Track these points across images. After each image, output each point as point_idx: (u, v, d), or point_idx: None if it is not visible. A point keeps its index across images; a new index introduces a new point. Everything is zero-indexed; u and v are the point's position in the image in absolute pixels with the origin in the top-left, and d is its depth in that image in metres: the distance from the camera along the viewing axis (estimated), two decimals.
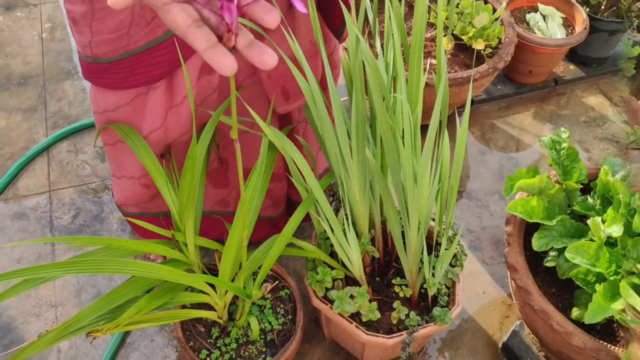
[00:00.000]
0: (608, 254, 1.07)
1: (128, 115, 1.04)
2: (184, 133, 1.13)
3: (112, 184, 1.28)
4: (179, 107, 1.06)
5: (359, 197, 1.07)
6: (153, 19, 0.90)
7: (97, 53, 0.94)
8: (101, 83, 0.99)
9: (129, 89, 0.99)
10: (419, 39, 0.93)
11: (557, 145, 1.21)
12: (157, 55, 0.95)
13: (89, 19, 0.90)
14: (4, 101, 1.72)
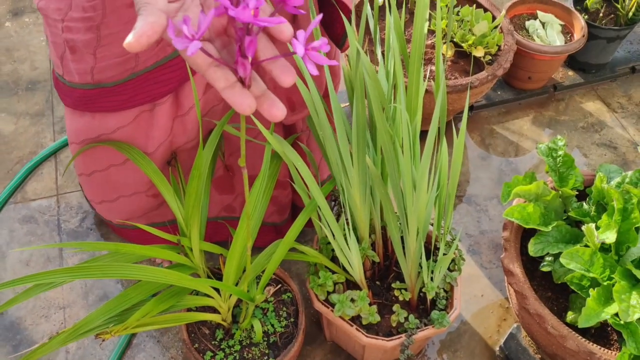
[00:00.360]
0: (602, 259, 1.09)
1: (129, 135, 1.05)
2: (190, 141, 1.15)
3: (101, 210, 1.26)
4: (184, 117, 1.09)
5: (359, 203, 1.11)
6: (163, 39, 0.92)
7: (100, 78, 0.95)
8: (99, 108, 1.00)
9: (132, 109, 1.01)
10: (418, 52, 0.96)
11: (554, 152, 1.24)
12: (165, 72, 0.96)
13: (93, 46, 0.90)
14: (12, 106, 1.75)
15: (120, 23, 0.89)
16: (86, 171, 1.18)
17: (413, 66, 0.97)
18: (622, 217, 1.10)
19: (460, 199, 1.61)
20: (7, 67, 1.85)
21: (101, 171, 1.16)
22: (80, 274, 0.92)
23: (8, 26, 1.97)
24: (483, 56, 1.56)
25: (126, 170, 1.14)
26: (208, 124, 1.16)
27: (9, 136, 1.68)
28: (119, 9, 0.87)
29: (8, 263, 1.44)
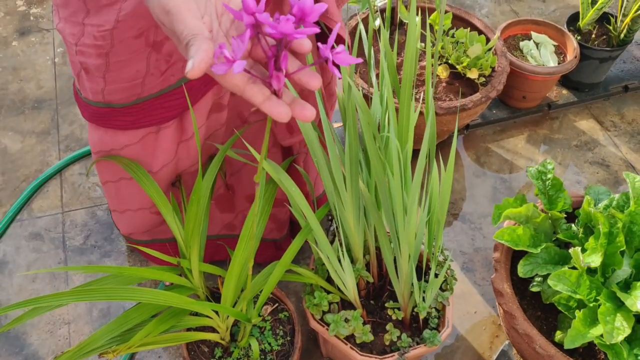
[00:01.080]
0: (588, 281, 1.13)
1: (137, 153, 1.10)
2: (194, 164, 1.20)
3: (114, 218, 1.34)
4: (188, 142, 1.13)
5: (353, 225, 1.15)
6: (167, 69, 0.96)
7: (110, 99, 1.00)
8: (110, 125, 1.05)
9: (139, 129, 1.06)
10: (409, 84, 1.00)
11: (543, 175, 1.28)
12: (170, 99, 1.01)
13: (102, 71, 0.96)
14: (19, 124, 1.80)
15: (127, 52, 0.93)
16: (102, 180, 1.24)
17: (404, 97, 1.01)
18: (607, 240, 1.14)
19: (455, 217, 1.65)
20: (14, 86, 1.90)
21: (113, 182, 1.21)
22: (83, 297, 0.96)
23: (15, 45, 2.02)
24: (477, 78, 1.60)
25: (133, 186, 1.19)
26: (210, 148, 1.21)
27: (16, 154, 1.73)
28: (127, 40, 0.92)
29: (14, 279, 1.48)
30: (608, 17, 1.85)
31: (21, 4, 2.16)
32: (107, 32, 0.90)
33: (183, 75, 0.98)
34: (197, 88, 1.02)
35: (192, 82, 0.99)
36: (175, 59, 0.95)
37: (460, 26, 1.74)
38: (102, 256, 1.54)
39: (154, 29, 0.90)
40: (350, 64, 0.56)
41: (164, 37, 0.92)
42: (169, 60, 0.95)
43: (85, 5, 0.91)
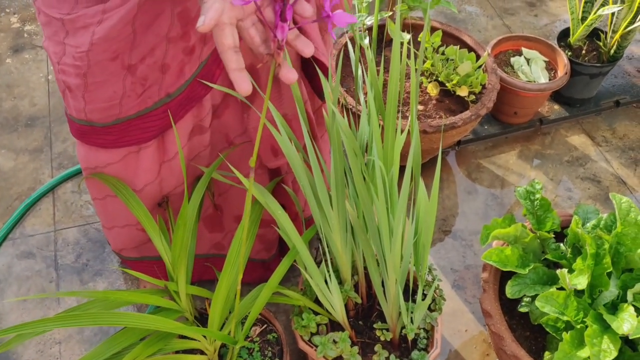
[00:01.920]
0: (576, 302, 1.13)
1: (120, 171, 1.11)
2: (179, 185, 1.20)
3: (105, 234, 1.35)
4: (171, 162, 1.14)
5: (340, 247, 1.15)
6: (144, 92, 0.97)
7: (91, 118, 1.02)
8: (92, 142, 1.06)
9: (120, 148, 1.07)
10: (393, 110, 1.00)
11: (531, 195, 1.28)
12: (146, 121, 1.02)
13: (82, 90, 0.97)
14: (12, 142, 1.80)
15: (104, 74, 0.95)
16: (91, 196, 1.25)
17: (388, 121, 1.02)
18: (594, 261, 1.14)
19: (446, 234, 1.65)
20: (8, 104, 1.90)
21: (100, 199, 1.22)
22: (69, 323, 0.96)
23: (9, 62, 2.03)
24: (467, 95, 1.60)
25: (119, 203, 1.20)
26: (196, 170, 1.21)
27: (9, 172, 1.74)
28: (103, 62, 0.94)
29: (6, 298, 1.49)
30: (598, 33, 1.85)
31: (15, 21, 2.18)
32: (83, 54, 0.93)
33: (159, 99, 0.99)
34: (174, 111, 1.03)
35: (170, 104, 1.01)
36: (150, 83, 0.97)
37: (451, 43, 1.74)
38: (94, 274, 1.54)
39: (129, 52, 0.92)
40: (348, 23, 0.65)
41: (138, 60, 0.93)
42: (145, 83, 0.97)
43: (64, 26, 0.93)
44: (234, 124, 1.16)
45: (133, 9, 0.87)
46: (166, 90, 0.98)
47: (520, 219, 1.63)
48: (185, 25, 0.92)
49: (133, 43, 0.91)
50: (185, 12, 0.90)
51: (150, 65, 0.93)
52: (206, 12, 0.64)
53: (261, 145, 1.17)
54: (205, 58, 0.97)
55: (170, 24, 0.91)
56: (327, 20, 0.66)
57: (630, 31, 1.73)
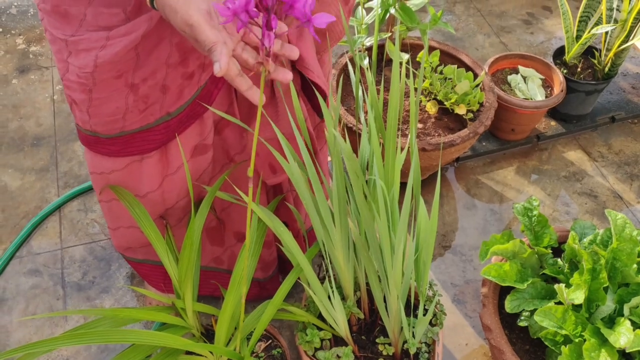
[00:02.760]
0: (574, 317, 1.16)
1: (124, 179, 1.15)
2: (181, 199, 1.23)
3: (111, 234, 1.38)
4: (174, 176, 1.17)
5: (343, 264, 1.18)
6: (146, 109, 1.01)
7: (96, 130, 1.06)
8: (98, 150, 1.11)
9: (124, 157, 1.10)
10: (393, 130, 1.04)
11: (529, 212, 1.31)
12: (149, 135, 1.06)
13: (86, 105, 1.01)
14: (19, 162, 1.84)
15: (108, 90, 0.99)
16: (98, 198, 1.28)
17: (389, 142, 1.05)
18: (591, 276, 1.17)
19: (446, 249, 1.68)
20: (14, 124, 1.94)
21: (106, 202, 1.25)
22: (77, 341, 0.99)
23: (15, 83, 2.07)
24: (465, 113, 1.64)
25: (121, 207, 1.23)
26: (199, 184, 1.24)
27: (16, 191, 1.77)
28: (107, 79, 0.98)
29: (14, 315, 1.51)
30: (593, 51, 1.89)
31: (21, 43, 2.22)
32: (88, 74, 0.97)
33: (160, 116, 1.03)
34: (175, 127, 1.07)
35: (170, 122, 1.04)
36: (152, 101, 1.01)
37: (449, 62, 1.78)
38: (100, 292, 1.57)
39: (132, 72, 0.96)
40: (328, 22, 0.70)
41: (140, 80, 0.97)
42: (147, 101, 1.00)
43: (67, 47, 0.97)
44: (234, 140, 1.19)
45: (137, 39, 0.91)
46: (167, 110, 1.02)
47: (519, 234, 1.66)
48: (184, 53, 0.96)
49: (137, 64, 0.95)
50: (182, 42, 0.95)
51: (152, 85, 0.98)
52: (219, 59, 0.73)
53: (259, 162, 1.20)
54: (204, 82, 1.01)
55: (170, 52, 0.95)
56: (307, 25, 0.71)
57: (623, 49, 1.77)
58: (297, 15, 0.71)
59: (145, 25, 0.89)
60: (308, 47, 1.07)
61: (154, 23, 0.89)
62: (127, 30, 0.90)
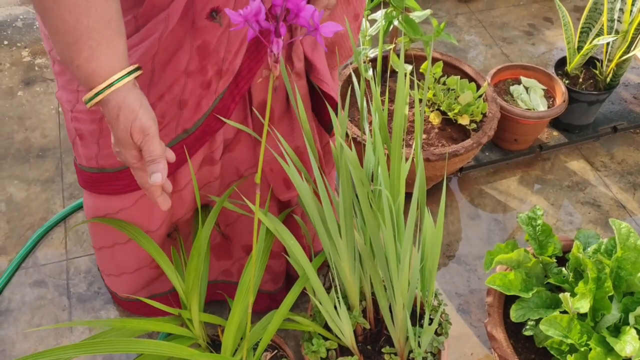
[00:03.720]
0: (579, 326, 1.16)
1: (133, 216, 1.14)
2: (188, 212, 1.23)
3: (108, 282, 1.36)
4: (182, 192, 1.17)
5: (349, 274, 1.18)
6: (161, 130, 1.00)
7: (103, 164, 1.04)
8: (104, 191, 1.09)
9: (133, 192, 1.10)
10: (398, 140, 1.05)
11: (533, 221, 1.32)
12: None
13: (96, 136, 1.00)
14: (24, 173, 1.85)
15: None
16: (96, 245, 1.27)
17: (394, 153, 1.06)
18: (596, 285, 1.17)
19: (450, 259, 1.68)
20: (20, 135, 1.95)
21: (108, 248, 1.24)
22: (87, 350, 0.99)
23: (20, 95, 2.08)
24: (468, 124, 1.65)
25: (129, 249, 1.22)
26: (204, 196, 1.24)
27: (21, 203, 1.78)
28: None
29: (20, 327, 1.51)
30: (594, 61, 1.91)
31: (26, 55, 2.23)
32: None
33: (177, 135, 1.02)
34: (190, 146, 1.05)
35: (186, 140, 1.03)
36: (168, 120, 0.99)
37: (452, 73, 1.80)
38: (105, 302, 1.57)
39: (146, 89, 0.95)
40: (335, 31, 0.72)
41: (156, 98, 0.95)
42: (162, 121, 0.99)
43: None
44: (245, 157, 1.19)
45: (154, 45, 0.88)
46: (183, 126, 1.01)
47: (523, 243, 1.67)
48: (203, 59, 0.93)
49: (151, 81, 0.93)
50: (204, 44, 0.92)
51: (169, 101, 0.96)
52: (161, 171, 0.84)
53: (273, 177, 1.20)
54: (221, 92, 0.99)
55: (189, 58, 0.93)
56: (314, 34, 0.72)
57: (625, 60, 1.79)
58: (302, 23, 0.72)
59: (161, 28, 0.87)
60: (322, 59, 1.08)
61: (171, 25, 0.87)
62: (142, 37, 0.88)
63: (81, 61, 0.76)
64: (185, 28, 0.90)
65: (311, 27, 0.72)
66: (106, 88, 0.79)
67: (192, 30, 0.90)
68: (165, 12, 0.87)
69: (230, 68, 0.97)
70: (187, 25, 0.89)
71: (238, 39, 0.94)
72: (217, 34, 0.91)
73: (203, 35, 0.91)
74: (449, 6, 2.55)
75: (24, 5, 2.47)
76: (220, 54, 0.94)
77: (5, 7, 2.45)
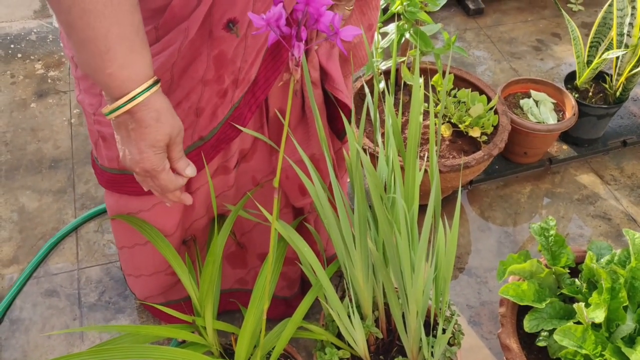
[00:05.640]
0: (594, 336, 1.16)
1: (150, 218, 1.15)
2: (199, 218, 1.24)
3: (129, 283, 1.37)
4: (192, 195, 1.18)
5: (362, 283, 1.18)
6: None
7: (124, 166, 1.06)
8: (124, 191, 1.10)
9: (151, 196, 1.10)
10: (414, 149, 1.05)
11: (546, 232, 1.32)
12: None
13: None
14: (36, 184, 1.86)
15: None
16: (118, 244, 1.28)
17: (409, 161, 1.06)
18: (610, 296, 1.17)
19: (461, 271, 1.68)
20: (32, 146, 1.97)
21: (129, 248, 1.25)
22: (101, 356, 0.99)
23: (33, 107, 2.11)
24: (479, 136, 1.65)
25: (148, 251, 1.23)
26: (219, 205, 1.25)
27: (33, 212, 1.79)
28: None
29: (31, 335, 1.52)
30: (604, 75, 1.92)
31: (39, 68, 2.26)
32: None
33: (193, 142, 1.03)
34: (206, 153, 1.06)
35: (202, 147, 1.04)
36: (185, 127, 1.00)
37: (462, 86, 1.81)
38: (116, 312, 1.57)
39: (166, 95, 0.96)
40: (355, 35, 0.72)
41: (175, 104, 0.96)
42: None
43: None
44: (262, 166, 1.20)
45: (173, 54, 0.90)
46: (199, 134, 1.02)
47: (535, 255, 1.66)
48: (220, 68, 0.95)
49: (170, 88, 0.95)
50: (221, 54, 0.93)
51: (186, 109, 0.97)
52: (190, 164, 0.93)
53: (289, 184, 1.21)
54: (237, 101, 1.01)
55: (206, 67, 0.94)
56: (334, 38, 0.73)
57: (634, 74, 1.80)
58: (322, 28, 0.74)
59: (181, 38, 0.88)
60: (337, 68, 1.09)
61: (190, 35, 0.88)
62: (162, 47, 0.90)
63: (115, 69, 0.77)
64: (203, 38, 0.91)
65: (331, 32, 0.74)
66: (145, 91, 0.80)
67: (210, 40, 0.91)
68: (186, 23, 0.88)
69: (247, 77, 0.98)
70: (205, 35, 0.91)
71: (254, 50, 0.95)
72: (233, 44, 0.92)
73: (220, 45, 0.92)
74: (458, 21, 2.57)
75: (38, 19, 2.50)
76: (237, 63, 0.95)
77: (20, 20, 2.49)
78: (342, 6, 1.00)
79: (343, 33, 0.73)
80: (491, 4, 2.66)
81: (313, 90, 1.08)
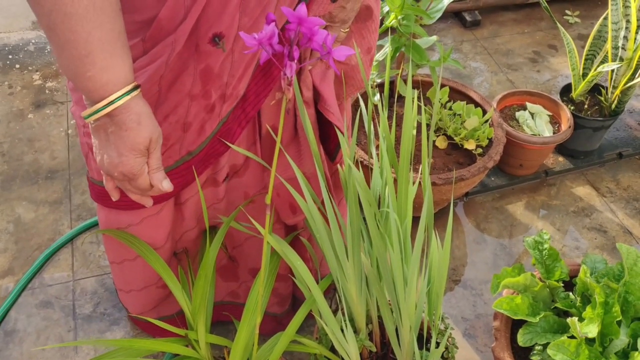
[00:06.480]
0: (587, 351, 1.15)
1: (139, 233, 1.15)
2: (190, 229, 1.24)
3: (121, 298, 1.37)
4: (182, 206, 1.18)
5: (355, 297, 1.18)
6: (165, 151, 1.01)
7: None
8: (113, 205, 1.10)
9: (140, 209, 1.11)
10: (406, 164, 1.06)
11: (540, 245, 1.32)
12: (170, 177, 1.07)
13: None
14: (33, 194, 1.86)
15: None
16: (109, 259, 1.28)
17: (402, 176, 1.07)
18: (604, 310, 1.17)
19: (456, 283, 1.68)
20: (29, 157, 1.97)
21: (118, 263, 1.25)
22: None
23: (30, 117, 2.11)
24: (475, 149, 1.66)
25: (137, 266, 1.23)
26: (210, 217, 1.24)
27: (29, 223, 1.79)
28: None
29: (25, 347, 1.51)
30: (599, 88, 1.92)
31: (37, 78, 2.27)
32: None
33: (180, 157, 1.03)
34: (196, 166, 1.06)
35: (190, 162, 1.04)
36: (172, 142, 1.00)
37: (458, 99, 1.81)
38: (111, 324, 1.57)
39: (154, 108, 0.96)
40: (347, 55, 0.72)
41: (162, 118, 0.96)
42: (167, 143, 1.00)
43: None
44: (254, 182, 1.20)
45: (161, 67, 0.90)
46: (187, 149, 1.01)
47: (529, 268, 1.67)
48: (206, 83, 0.94)
49: (158, 100, 0.95)
50: (207, 69, 0.93)
51: (173, 123, 0.97)
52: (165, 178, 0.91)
53: (280, 202, 1.21)
54: (225, 116, 1.00)
55: (193, 81, 0.94)
56: (327, 57, 0.73)
57: (630, 87, 1.80)
58: (315, 47, 0.74)
59: (168, 51, 0.88)
60: (330, 90, 1.09)
61: (177, 49, 0.88)
62: (150, 59, 0.89)
63: (95, 72, 0.77)
64: (190, 51, 0.91)
65: (324, 51, 0.74)
66: (125, 95, 0.80)
67: (196, 54, 0.91)
68: (172, 36, 0.88)
69: (234, 93, 0.98)
70: (192, 48, 0.91)
71: (242, 65, 0.95)
72: (220, 59, 0.92)
73: (206, 59, 0.92)
74: (455, 33, 2.58)
75: (36, 30, 2.51)
76: (224, 78, 0.95)
77: (18, 31, 2.50)
78: (337, 27, 1.00)
79: (336, 53, 0.73)
80: (488, 16, 2.67)
81: (306, 110, 1.08)
